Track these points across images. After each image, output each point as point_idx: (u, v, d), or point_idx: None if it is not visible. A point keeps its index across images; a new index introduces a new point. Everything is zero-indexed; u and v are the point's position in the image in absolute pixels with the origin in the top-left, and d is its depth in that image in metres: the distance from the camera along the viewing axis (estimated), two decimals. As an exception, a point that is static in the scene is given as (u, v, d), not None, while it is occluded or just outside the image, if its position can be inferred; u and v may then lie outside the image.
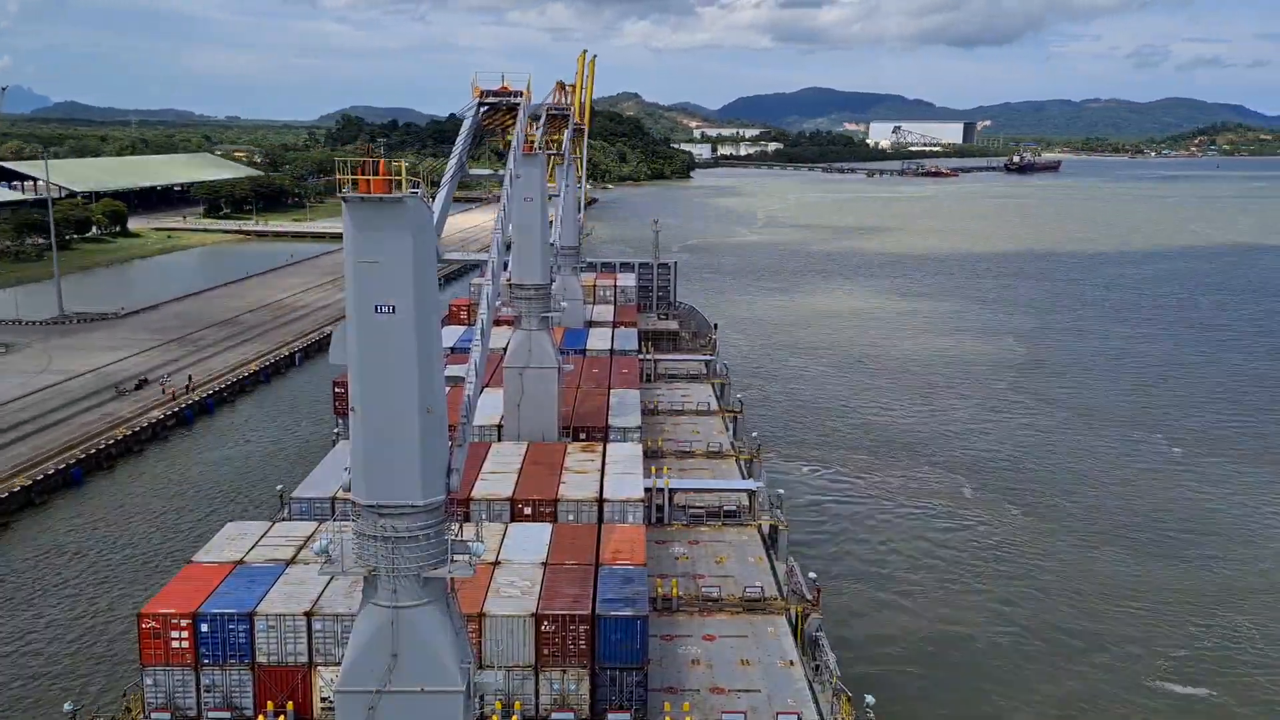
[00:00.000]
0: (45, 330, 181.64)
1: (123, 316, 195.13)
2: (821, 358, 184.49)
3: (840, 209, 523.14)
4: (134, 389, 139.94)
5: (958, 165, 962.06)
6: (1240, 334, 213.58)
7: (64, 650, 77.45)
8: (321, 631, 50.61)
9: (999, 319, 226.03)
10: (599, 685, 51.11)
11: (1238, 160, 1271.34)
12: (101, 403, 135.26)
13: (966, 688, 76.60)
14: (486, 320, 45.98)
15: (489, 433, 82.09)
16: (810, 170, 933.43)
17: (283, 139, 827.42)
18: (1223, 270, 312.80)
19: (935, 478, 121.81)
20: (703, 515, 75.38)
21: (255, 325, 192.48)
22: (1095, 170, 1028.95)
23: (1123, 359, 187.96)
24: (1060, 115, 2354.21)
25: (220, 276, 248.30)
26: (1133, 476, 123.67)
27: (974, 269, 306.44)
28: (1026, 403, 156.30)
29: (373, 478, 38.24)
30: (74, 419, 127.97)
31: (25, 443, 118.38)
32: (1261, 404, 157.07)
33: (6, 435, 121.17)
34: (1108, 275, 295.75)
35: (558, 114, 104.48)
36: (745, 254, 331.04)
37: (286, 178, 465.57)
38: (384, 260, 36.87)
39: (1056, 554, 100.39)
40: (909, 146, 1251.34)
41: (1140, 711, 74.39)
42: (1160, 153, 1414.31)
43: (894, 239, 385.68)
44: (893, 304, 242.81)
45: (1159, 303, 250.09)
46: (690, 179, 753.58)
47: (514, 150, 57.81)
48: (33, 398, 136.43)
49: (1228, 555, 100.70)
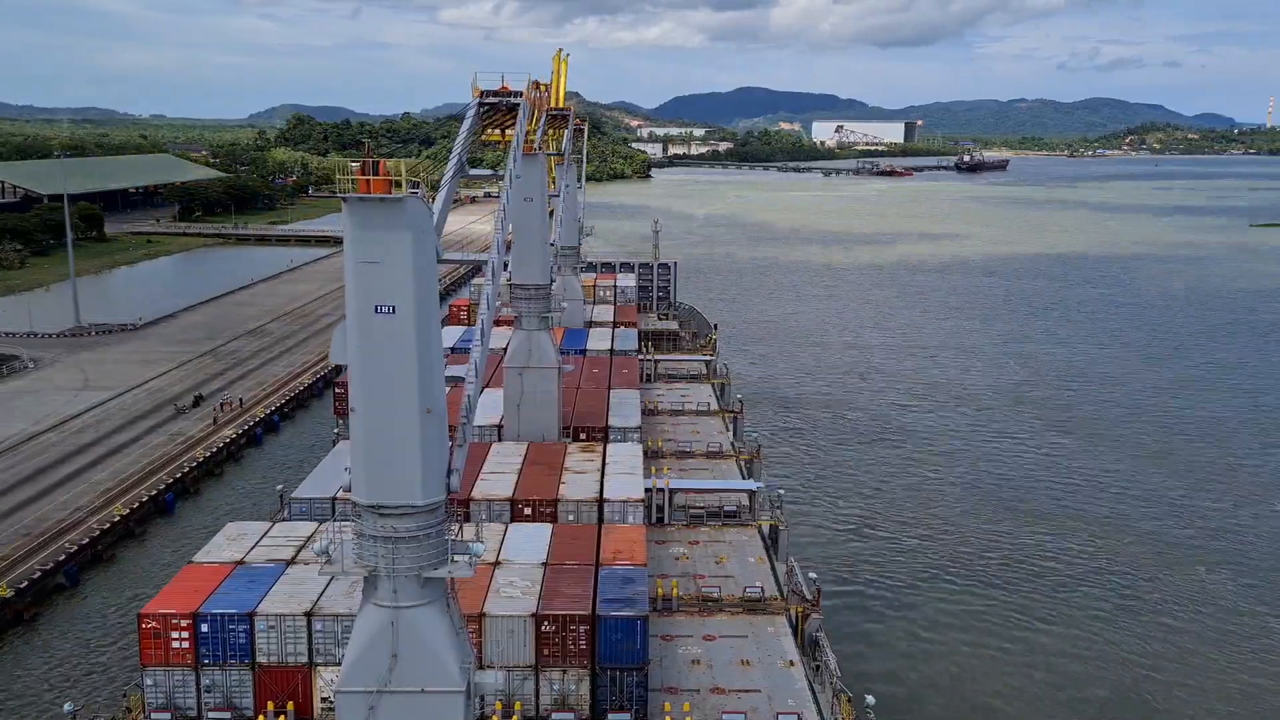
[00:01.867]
0: (66, 343, 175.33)
1: (140, 327, 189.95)
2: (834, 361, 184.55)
3: (856, 212, 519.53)
4: (191, 406, 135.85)
5: (910, 164, 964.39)
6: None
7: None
8: (321, 631, 50.56)
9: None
10: (599, 685, 51.05)
11: (1173, 159, 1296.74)
12: (162, 422, 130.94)
13: (967, 688, 76.63)
14: (486, 320, 45.90)
15: (489, 433, 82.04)
16: (766, 170, 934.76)
17: (221, 137, 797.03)
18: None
19: (937, 477, 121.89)
20: (703, 515, 75.31)
21: (285, 335, 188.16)
22: (1043, 168, 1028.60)
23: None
24: (990, 115, 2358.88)
25: (215, 283, 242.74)
26: (1134, 480, 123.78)
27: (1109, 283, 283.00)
28: (1032, 405, 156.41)
29: (373, 478, 38.20)
30: (141, 440, 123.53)
31: (101, 467, 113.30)
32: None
33: (79, 459, 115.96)
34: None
35: (557, 114, 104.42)
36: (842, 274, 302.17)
37: (257, 179, 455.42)
38: (384, 260, 36.85)
39: (1057, 554, 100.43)
40: (854, 146, 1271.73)
41: (1142, 712, 74.42)
42: (1095, 152, 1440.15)
43: (954, 243, 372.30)
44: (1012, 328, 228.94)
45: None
46: (651, 178, 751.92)
47: (514, 150, 57.70)
48: (85, 418, 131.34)
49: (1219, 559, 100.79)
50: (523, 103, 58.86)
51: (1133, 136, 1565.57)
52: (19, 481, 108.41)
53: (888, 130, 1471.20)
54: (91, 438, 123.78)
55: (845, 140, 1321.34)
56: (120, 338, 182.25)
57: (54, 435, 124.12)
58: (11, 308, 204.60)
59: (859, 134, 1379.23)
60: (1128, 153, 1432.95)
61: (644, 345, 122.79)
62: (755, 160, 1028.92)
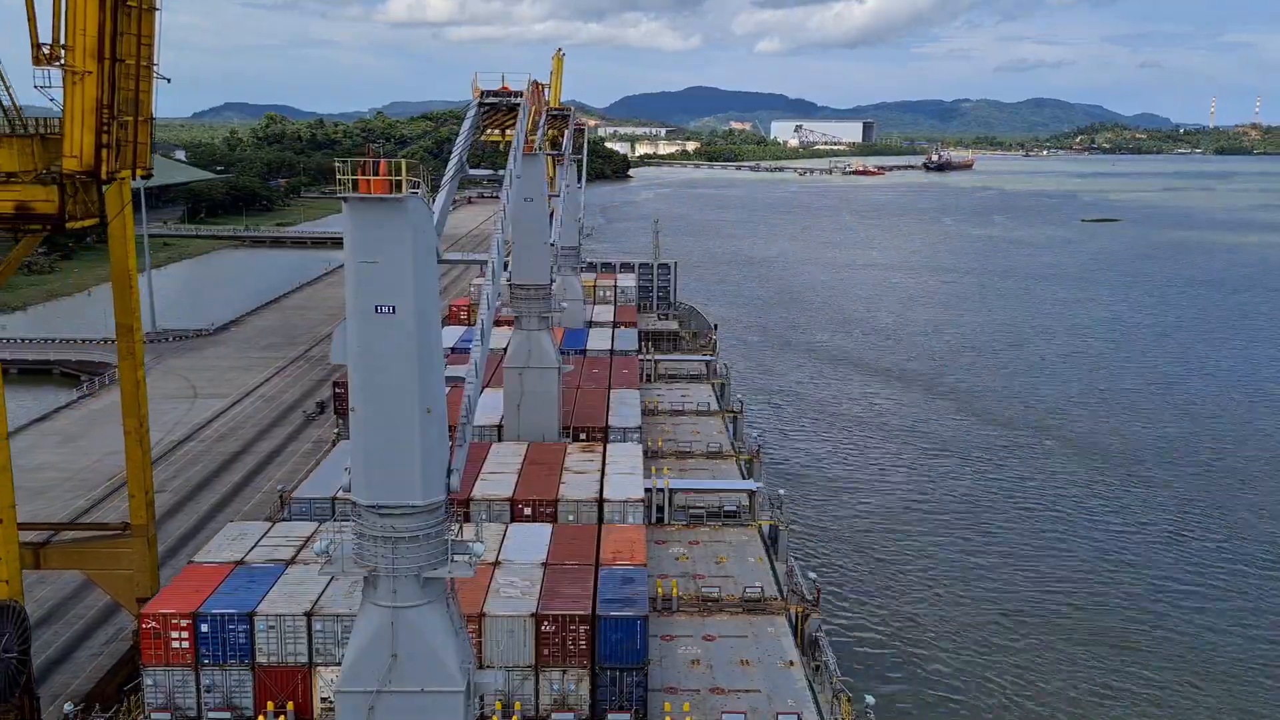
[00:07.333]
0: (151, 349, 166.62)
1: (214, 333, 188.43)
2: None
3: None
4: (319, 412, 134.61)
5: (877, 164, 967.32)
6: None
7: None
8: (321, 632, 50.52)
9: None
10: (599, 685, 51.04)
11: (1126, 157, 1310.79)
12: (298, 428, 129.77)
13: (967, 689, 76.65)
14: (486, 320, 45.83)
15: (489, 433, 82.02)
16: (738, 169, 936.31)
17: (180, 137, 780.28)
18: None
19: (937, 472, 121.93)
20: (703, 515, 75.28)
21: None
22: (1010, 167, 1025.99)
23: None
24: (936, 115, 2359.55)
25: (255, 286, 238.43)
26: (1137, 479, 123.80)
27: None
28: (1038, 391, 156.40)
29: (373, 478, 38.18)
30: (289, 447, 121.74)
31: (264, 475, 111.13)
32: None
33: (240, 466, 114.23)
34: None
35: (557, 114, 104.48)
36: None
37: (255, 180, 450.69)
38: (384, 260, 36.81)
39: (1057, 554, 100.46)
40: (814, 145, 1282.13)
41: (1145, 713, 74.45)
42: (1048, 152, 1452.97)
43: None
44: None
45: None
46: (631, 178, 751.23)
47: (514, 150, 57.66)
48: (216, 426, 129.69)
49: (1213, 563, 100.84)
50: (523, 102, 58.88)
51: (1083, 136, 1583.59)
52: (195, 489, 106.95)
53: (846, 130, 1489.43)
54: (238, 445, 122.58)
55: (806, 140, 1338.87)
56: (197, 344, 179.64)
57: (195, 445, 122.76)
58: (61, 313, 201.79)
59: (818, 134, 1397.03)
60: (1079, 151, 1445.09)
61: (644, 345, 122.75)
62: (723, 160, 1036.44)
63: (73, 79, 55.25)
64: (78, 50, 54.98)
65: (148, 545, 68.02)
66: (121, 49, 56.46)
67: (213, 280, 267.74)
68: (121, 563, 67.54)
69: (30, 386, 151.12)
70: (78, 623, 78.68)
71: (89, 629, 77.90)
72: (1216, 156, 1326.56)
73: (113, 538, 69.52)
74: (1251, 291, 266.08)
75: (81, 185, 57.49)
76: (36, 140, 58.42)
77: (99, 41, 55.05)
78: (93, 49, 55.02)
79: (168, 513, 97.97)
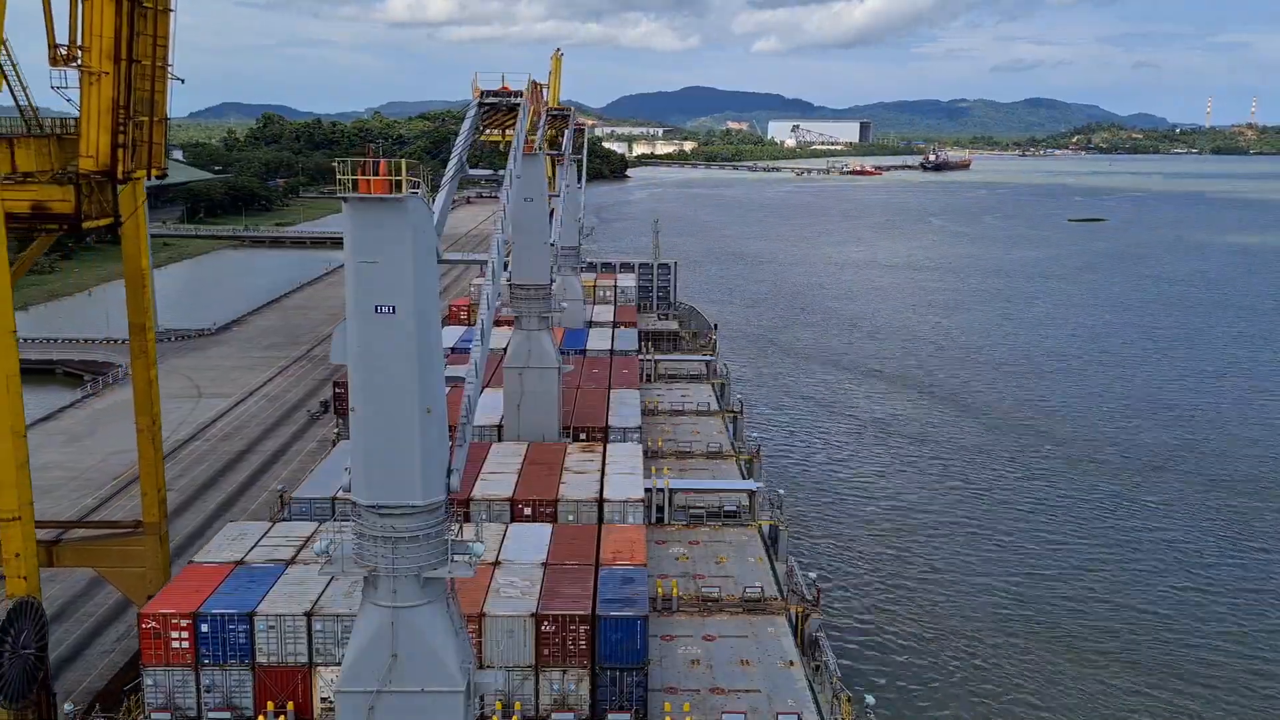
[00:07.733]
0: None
1: (216, 332, 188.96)
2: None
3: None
4: (322, 413, 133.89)
5: (875, 163, 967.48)
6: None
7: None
8: (321, 632, 50.49)
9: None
10: (599, 685, 51.02)
11: (1124, 157, 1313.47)
12: (302, 427, 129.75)
13: (967, 689, 76.66)
14: (486, 320, 45.83)
15: (489, 433, 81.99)
16: (736, 170, 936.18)
17: (189, 136, 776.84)
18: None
19: (937, 471, 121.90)
20: (703, 515, 75.28)
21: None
22: (1006, 167, 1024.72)
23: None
24: (933, 115, 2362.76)
25: (256, 286, 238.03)
26: (1140, 481, 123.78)
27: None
28: (1041, 387, 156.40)
29: (373, 478, 38.18)
30: (294, 446, 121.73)
31: (271, 474, 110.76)
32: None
33: (245, 465, 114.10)
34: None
35: (557, 114, 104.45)
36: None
37: (254, 180, 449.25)
38: (384, 260, 36.79)
39: (1058, 555, 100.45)
40: (811, 145, 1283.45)
41: (1145, 713, 74.44)
42: (1044, 152, 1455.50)
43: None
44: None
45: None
46: (628, 178, 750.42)
47: (514, 150, 57.65)
48: (220, 426, 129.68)
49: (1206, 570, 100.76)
50: (523, 102, 58.88)
51: (1079, 136, 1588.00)
52: (201, 488, 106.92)
53: (843, 130, 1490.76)
54: (243, 444, 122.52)
55: (803, 140, 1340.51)
56: (199, 343, 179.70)
57: (201, 444, 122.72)
58: (62, 313, 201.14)
59: (815, 134, 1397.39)
60: (1076, 151, 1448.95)
61: (644, 345, 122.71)
62: (721, 160, 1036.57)
63: (89, 80, 55.40)
64: (94, 51, 55.15)
65: (160, 542, 68.14)
66: (137, 50, 56.65)
67: (213, 280, 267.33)
68: (134, 560, 67.66)
69: (34, 386, 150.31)
70: (88, 620, 78.74)
71: (100, 626, 77.99)
72: (1213, 156, 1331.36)
73: (125, 535, 69.62)
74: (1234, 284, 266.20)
75: (97, 185, 57.60)
76: (53, 140, 58.51)
77: (115, 42, 55.24)
78: (109, 50, 55.19)
79: (175, 511, 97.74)
